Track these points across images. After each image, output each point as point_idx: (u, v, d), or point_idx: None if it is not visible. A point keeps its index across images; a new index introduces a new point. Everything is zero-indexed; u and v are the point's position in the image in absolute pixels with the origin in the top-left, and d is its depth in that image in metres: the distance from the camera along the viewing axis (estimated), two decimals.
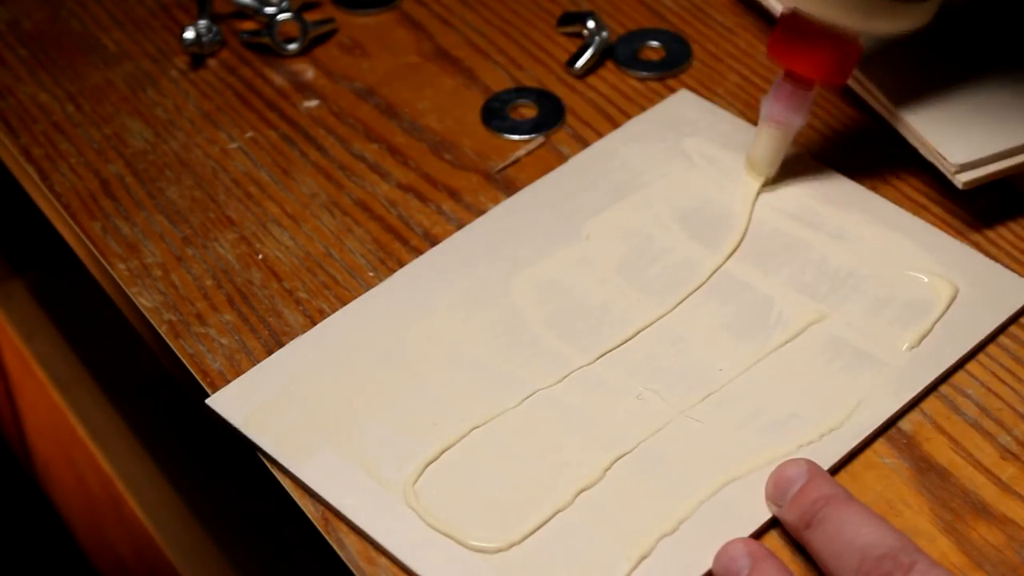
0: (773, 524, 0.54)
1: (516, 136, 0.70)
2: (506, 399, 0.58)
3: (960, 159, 0.63)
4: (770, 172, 0.66)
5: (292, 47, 0.75)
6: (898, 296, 0.61)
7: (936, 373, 0.58)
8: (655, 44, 0.74)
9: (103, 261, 0.65)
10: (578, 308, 0.61)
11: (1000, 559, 0.53)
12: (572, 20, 0.75)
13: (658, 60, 0.73)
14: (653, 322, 0.61)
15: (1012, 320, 0.60)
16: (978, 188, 0.64)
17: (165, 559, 0.85)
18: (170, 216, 0.67)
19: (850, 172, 0.67)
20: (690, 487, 0.54)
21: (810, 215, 0.65)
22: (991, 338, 0.60)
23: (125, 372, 0.94)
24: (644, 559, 0.52)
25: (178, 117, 0.72)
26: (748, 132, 0.68)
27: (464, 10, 0.77)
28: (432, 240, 0.65)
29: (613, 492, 0.55)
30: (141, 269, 0.64)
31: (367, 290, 0.62)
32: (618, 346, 0.60)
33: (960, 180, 0.64)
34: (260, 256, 0.65)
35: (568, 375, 0.59)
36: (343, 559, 0.54)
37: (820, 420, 0.57)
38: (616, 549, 0.53)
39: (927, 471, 0.56)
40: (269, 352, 0.60)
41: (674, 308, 0.61)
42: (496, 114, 0.71)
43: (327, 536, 0.54)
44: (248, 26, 0.76)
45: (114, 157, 0.70)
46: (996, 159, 0.64)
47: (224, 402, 0.58)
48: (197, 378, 0.60)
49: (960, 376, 0.59)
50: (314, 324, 0.61)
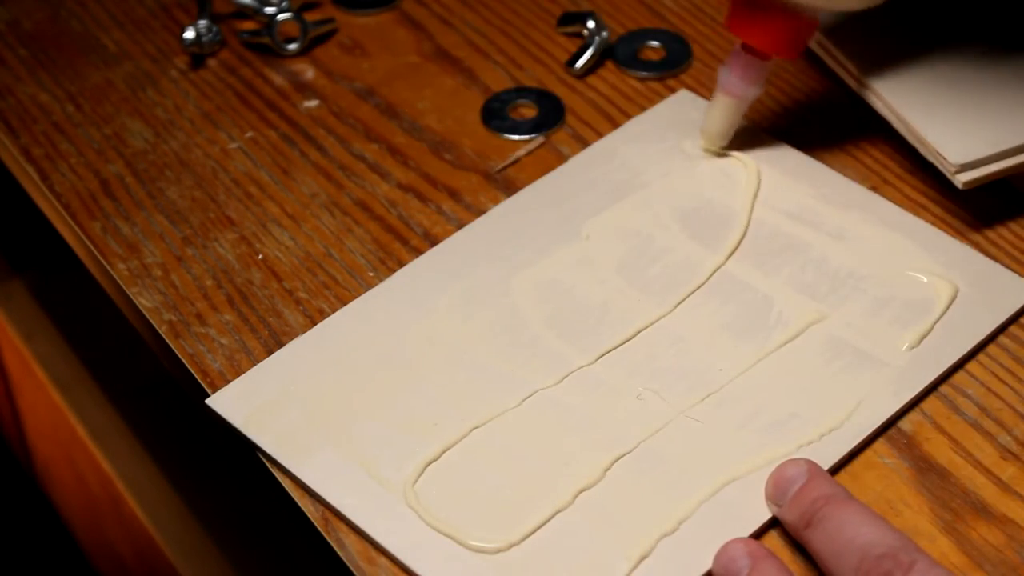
0: (773, 524, 0.54)
1: (516, 136, 0.70)
2: (506, 399, 0.58)
3: (960, 159, 0.63)
4: (722, 142, 0.67)
5: (292, 47, 0.75)
6: (898, 296, 0.61)
7: (936, 373, 0.58)
8: (655, 44, 0.74)
9: (103, 261, 0.65)
10: (578, 308, 0.61)
11: (1000, 559, 0.53)
12: (572, 20, 0.75)
13: (658, 60, 0.73)
14: (653, 322, 0.61)
15: (1012, 320, 0.60)
16: (978, 188, 0.64)
17: (165, 559, 0.85)
18: (170, 216, 0.67)
19: (850, 172, 0.67)
20: (690, 487, 0.54)
21: (810, 215, 0.65)
22: (991, 338, 0.60)
23: (125, 372, 0.93)
24: (644, 559, 0.52)
25: (178, 117, 0.72)
26: (748, 132, 0.68)
27: (464, 10, 0.77)
28: (432, 240, 0.65)
29: (613, 492, 0.55)
30: (141, 269, 0.64)
31: (367, 290, 0.62)
32: (618, 346, 0.60)
33: (960, 180, 0.63)
34: (260, 256, 0.65)
35: (568, 375, 0.59)
36: (343, 559, 0.54)
37: (820, 420, 0.57)
38: (616, 549, 0.53)
39: (927, 471, 0.56)
40: (269, 352, 0.60)
41: (674, 308, 0.61)
42: (496, 114, 0.71)
43: (327, 536, 0.54)
44: (248, 26, 0.76)
45: (114, 157, 0.70)
46: (996, 159, 0.64)
47: (224, 402, 0.58)
48: (197, 378, 0.60)
49: (960, 376, 0.59)
50: (314, 324, 0.61)
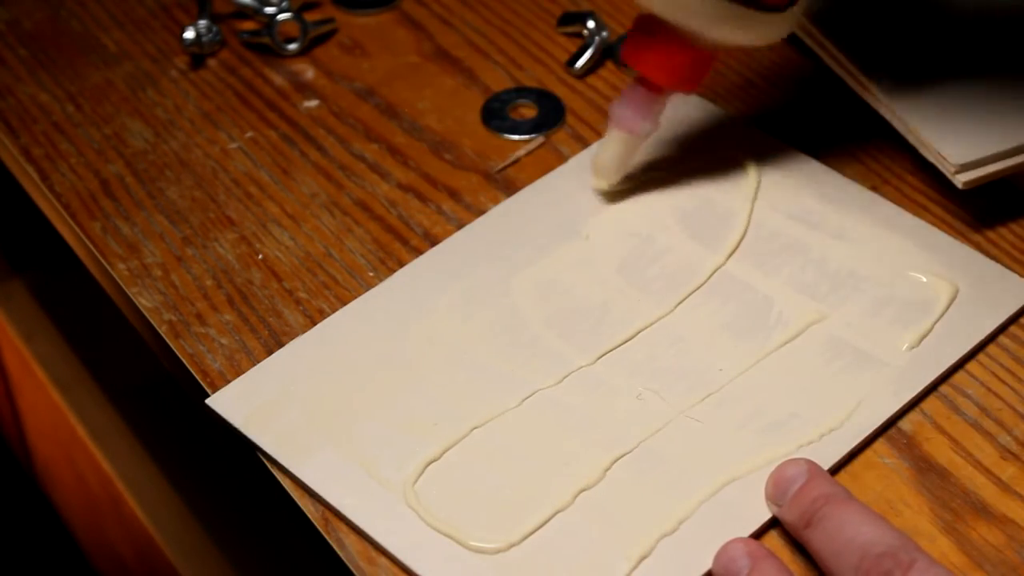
0: (773, 524, 0.54)
1: (516, 136, 0.70)
2: (506, 399, 0.58)
3: (960, 159, 0.63)
4: (615, 179, 0.64)
5: (292, 47, 0.75)
6: (898, 296, 0.61)
7: (936, 373, 0.58)
8: None
9: (103, 261, 0.65)
10: (578, 308, 0.61)
11: (1000, 559, 0.53)
12: (572, 20, 0.75)
13: None
14: (653, 322, 0.61)
15: (1012, 320, 0.60)
16: (978, 188, 0.64)
17: (165, 559, 0.85)
18: (170, 216, 0.67)
19: (850, 172, 0.67)
20: (690, 487, 0.54)
21: (810, 215, 0.65)
22: (991, 338, 0.60)
23: (125, 372, 0.93)
24: (644, 559, 0.52)
25: (178, 117, 0.72)
26: (748, 132, 0.68)
27: (464, 10, 0.77)
28: (432, 240, 0.65)
29: (613, 492, 0.55)
30: (141, 269, 0.64)
31: (367, 290, 0.62)
32: (618, 346, 0.60)
33: (960, 180, 0.63)
34: (260, 256, 0.65)
35: (568, 375, 0.59)
36: (343, 559, 0.54)
37: (820, 420, 0.57)
38: (616, 549, 0.53)
39: (927, 471, 0.56)
40: (269, 352, 0.60)
41: (674, 308, 0.61)
42: (496, 114, 0.71)
43: (327, 536, 0.54)
44: (248, 26, 0.76)
45: (114, 157, 0.70)
46: (996, 159, 0.64)
47: (224, 402, 0.58)
48: (197, 378, 0.60)
49: (960, 376, 0.59)
50: (314, 324, 0.61)
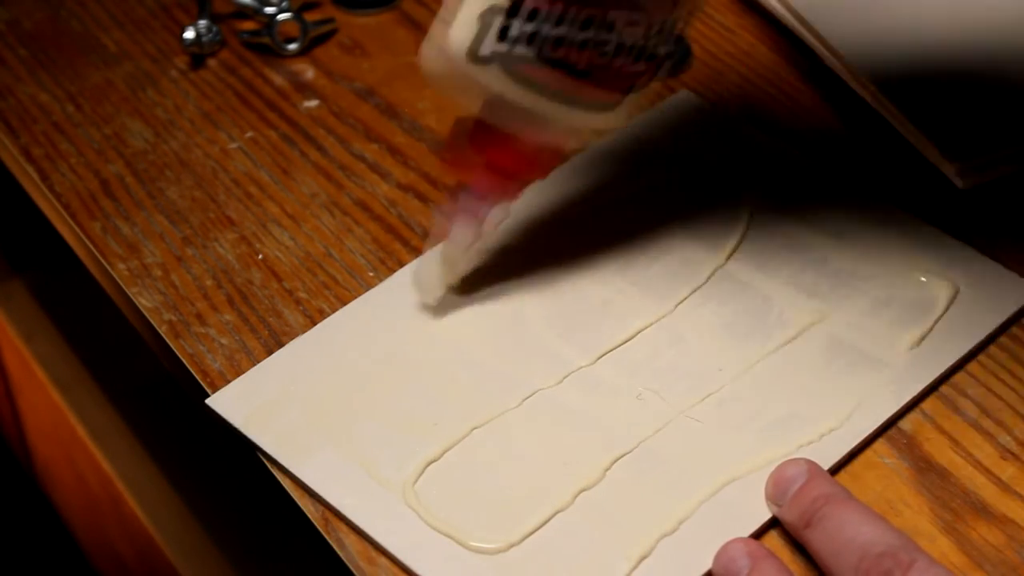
0: (773, 524, 0.54)
1: None
2: (506, 399, 0.58)
3: (960, 159, 0.63)
4: (439, 294, 0.60)
5: (292, 47, 0.75)
6: (898, 296, 0.61)
7: (936, 373, 0.58)
8: None
9: (103, 261, 0.65)
10: (578, 308, 0.61)
11: (1000, 559, 0.53)
12: None
13: None
14: (653, 322, 0.61)
15: (1012, 320, 0.60)
16: (978, 188, 0.64)
17: (165, 559, 0.85)
18: (170, 216, 0.67)
19: (850, 172, 0.67)
20: (690, 487, 0.54)
21: (810, 215, 0.65)
22: (991, 338, 0.60)
23: (125, 372, 0.93)
24: (644, 559, 0.52)
25: (178, 117, 0.72)
26: (748, 132, 0.68)
27: None
28: (431, 241, 0.65)
29: (613, 492, 0.55)
30: (141, 269, 0.64)
31: (367, 290, 0.62)
32: (618, 346, 0.60)
33: (960, 180, 0.64)
34: (260, 256, 0.65)
35: (568, 375, 0.59)
36: (343, 559, 0.54)
37: (820, 420, 0.57)
38: (616, 549, 0.53)
39: (927, 471, 0.56)
40: (269, 352, 0.60)
41: (674, 308, 0.61)
42: None
43: (327, 536, 0.54)
44: (248, 26, 0.76)
45: (114, 157, 0.70)
46: (996, 159, 0.64)
47: (224, 402, 0.58)
48: (197, 378, 0.60)
49: (960, 376, 0.59)
50: (314, 324, 0.61)
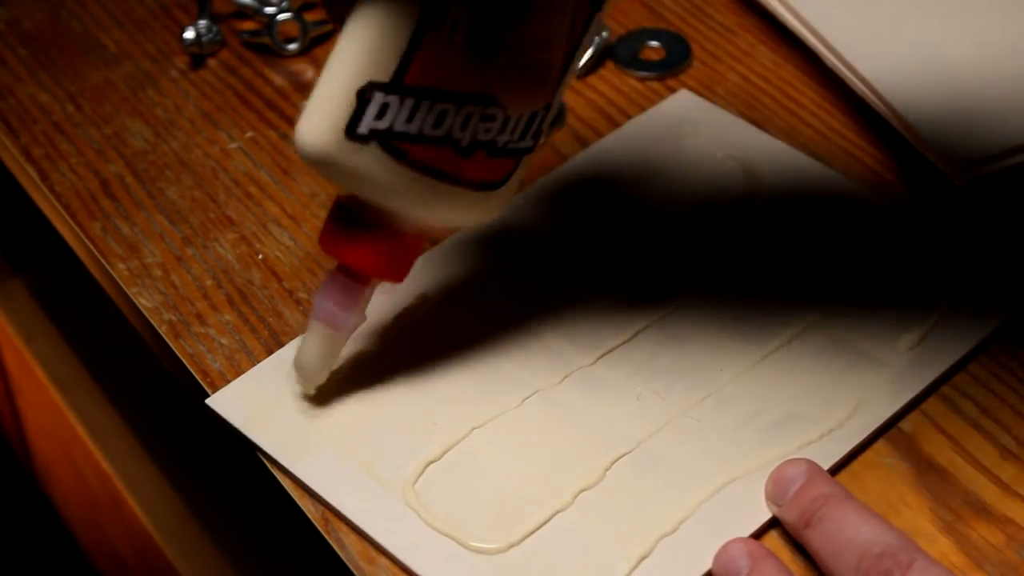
0: (773, 524, 0.54)
1: None
2: (506, 399, 0.58)
3: (960, 159, 0.63)
4: (321, 379, 0.57)
5: (292, 47, 0.75)
6: (898, 296, 0.61)
7: (936, 373, 0.58)
8: (655, 44, 0.74)
9: (103, 261, 0.65)
10: (579, 308, 0.61)
11: (1000, 559, 0.53)
12: None
13: (658, 60, 0.73)
14: (653, 322, 0.61)
15: (1012, 320, 0.60)
16: (978, 188, 0.64)
17: (165, 559, 0.85)
18: (170, 216, 0.67)
19: (850, 172, 0.67)
20: (690, 487, 0.54)
21: (811, 214, 0.65)
22: (991, 338, 0.60)
23: (125, 372, 0.93)
24: (644, 559, 0.52)
25: (178, 117, 0.72)
26: (748, 132, 0.68)
27: None
28: (432, 240, 0.65)
29: (613, 492, 0.55)
30: (141, 269, 0.64)
31: None
32: (618, 346, 0.60)
33: (960, 180, 0.64)
34: (260, 256, 0.65)
35: (568, 375, 0.59)
36: (343, 559, 0.54)
37: (820, 420, 0.57)
38: (616, 549, 0.53)
39: (927, 471, 0.56)
40: (269, 352, 0.60)
41: (674, 307, 0.61)
42: None
43: (327, 536, 0.54)
44: (248, 26, 0.76)
45: (114, 157, 0.70)
46: (996, 159, 0.64)
47: (224, 402, 0.58)
48: (197, 378, 0.60)
49: (960, 376, 0.59)
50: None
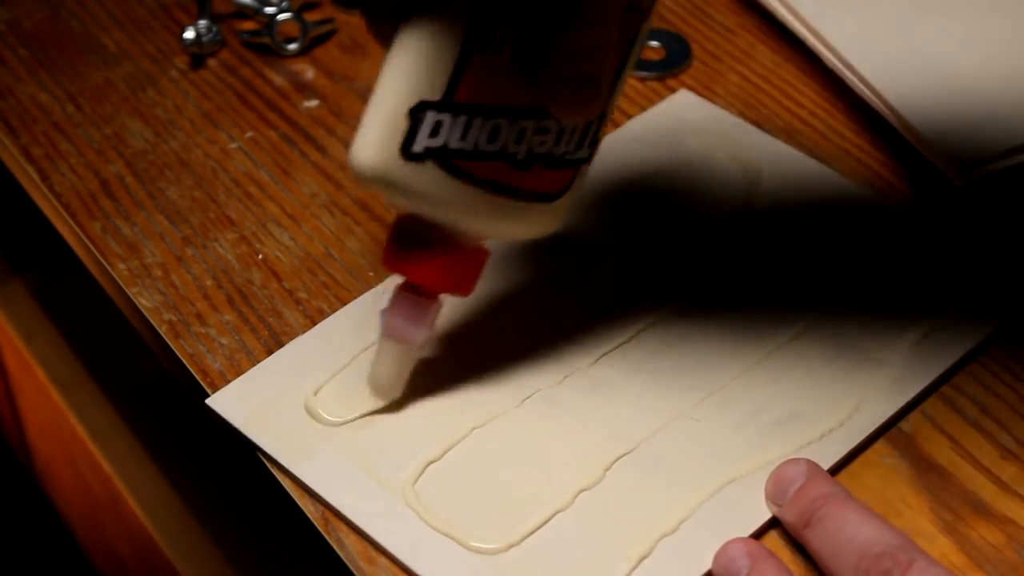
0: (773, 524, 0.54)
1: None
2: (506, 399, 0.58)
3: (960, 159, 0.63)
4: (396, 394, 0.57)
5: (292, 47, 0.75)
6: (899, 296, 0.61)
7: (936, 373, 0.58)
8: (655, 44, 0.74)
9: (103, 261, 0.65)
10: (579, 307, 0.61)
11: (1000, 559, 0.53)
12: None
13: (658, 60, 0.73)
14: (654, 322, 0.61)
15: (1013, 320, 0.60)
16: (978, 187, 0.64)
17: (165, 559, 0.85)
18: (170, 216, 0.67)
19: (850, 172, 0.67)
20: (690, 487, 0.54)
21: (811, 214, 0.65)
22: (992, 338, 0.60)
23: (125, 372, 0.93)
24: (644, 559, 0.52)
25: (178, 117, 0.72)
26: (748, 132, 0.68)
27: None
28: None
29: (613, 492, 0.55)
30: (141, 269, 0.64)
31: (367, 290, 0.62)
32: (618, 346, 0.60)
33: (960, 180, 0.64)
34: (260, 256, 0.65)
35: (568, 375, 0.59)
36: (343, 559, 0.54)
37: (820, 420, 0.57)
38: (616, 549, 0.53)
39: (927, 471, 0.56)
40: (269, 352, 0.60)
41: (675, 307, 0.61)
42: None
43: (327, 536, 0.54)
44: (248, 26, 0.76)
45: (114, 157, 0.70)
46: (996, 159, 0.64)
47: (224, 402, 0.58)
48: (197, 378, 0.60)
49: (960, 376, 0.59)
50: (314, 324, 0.61)
